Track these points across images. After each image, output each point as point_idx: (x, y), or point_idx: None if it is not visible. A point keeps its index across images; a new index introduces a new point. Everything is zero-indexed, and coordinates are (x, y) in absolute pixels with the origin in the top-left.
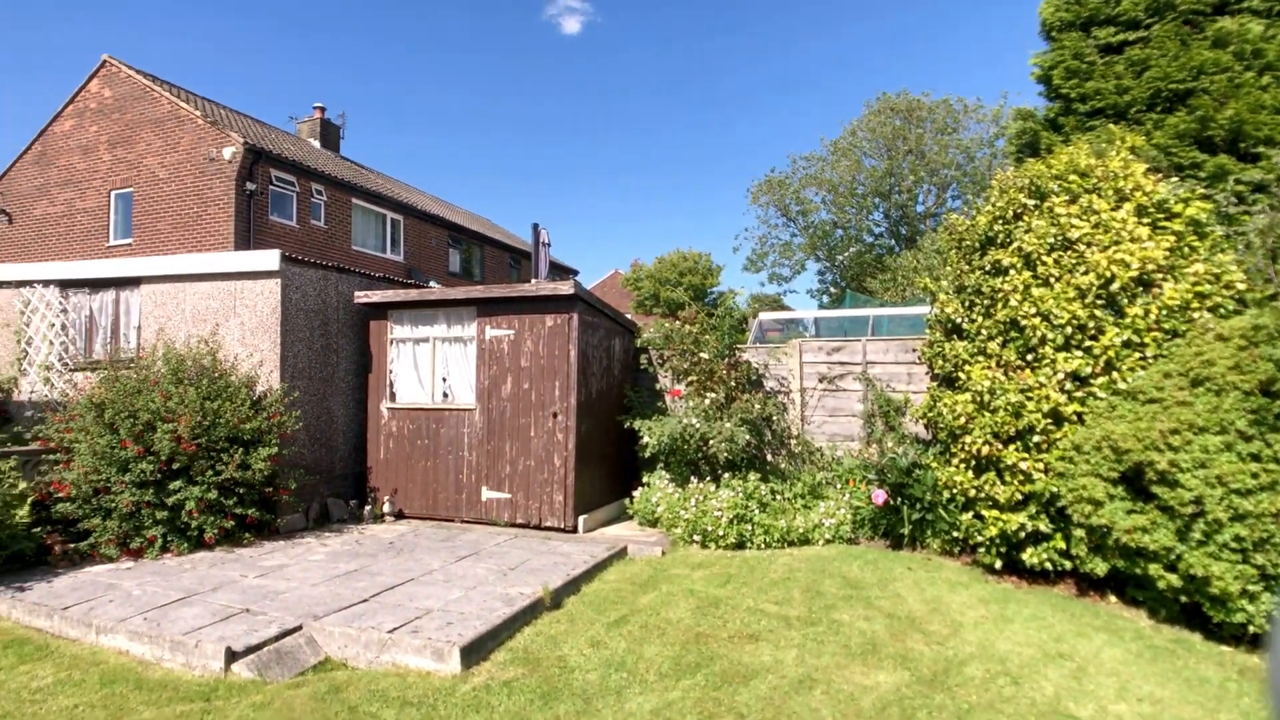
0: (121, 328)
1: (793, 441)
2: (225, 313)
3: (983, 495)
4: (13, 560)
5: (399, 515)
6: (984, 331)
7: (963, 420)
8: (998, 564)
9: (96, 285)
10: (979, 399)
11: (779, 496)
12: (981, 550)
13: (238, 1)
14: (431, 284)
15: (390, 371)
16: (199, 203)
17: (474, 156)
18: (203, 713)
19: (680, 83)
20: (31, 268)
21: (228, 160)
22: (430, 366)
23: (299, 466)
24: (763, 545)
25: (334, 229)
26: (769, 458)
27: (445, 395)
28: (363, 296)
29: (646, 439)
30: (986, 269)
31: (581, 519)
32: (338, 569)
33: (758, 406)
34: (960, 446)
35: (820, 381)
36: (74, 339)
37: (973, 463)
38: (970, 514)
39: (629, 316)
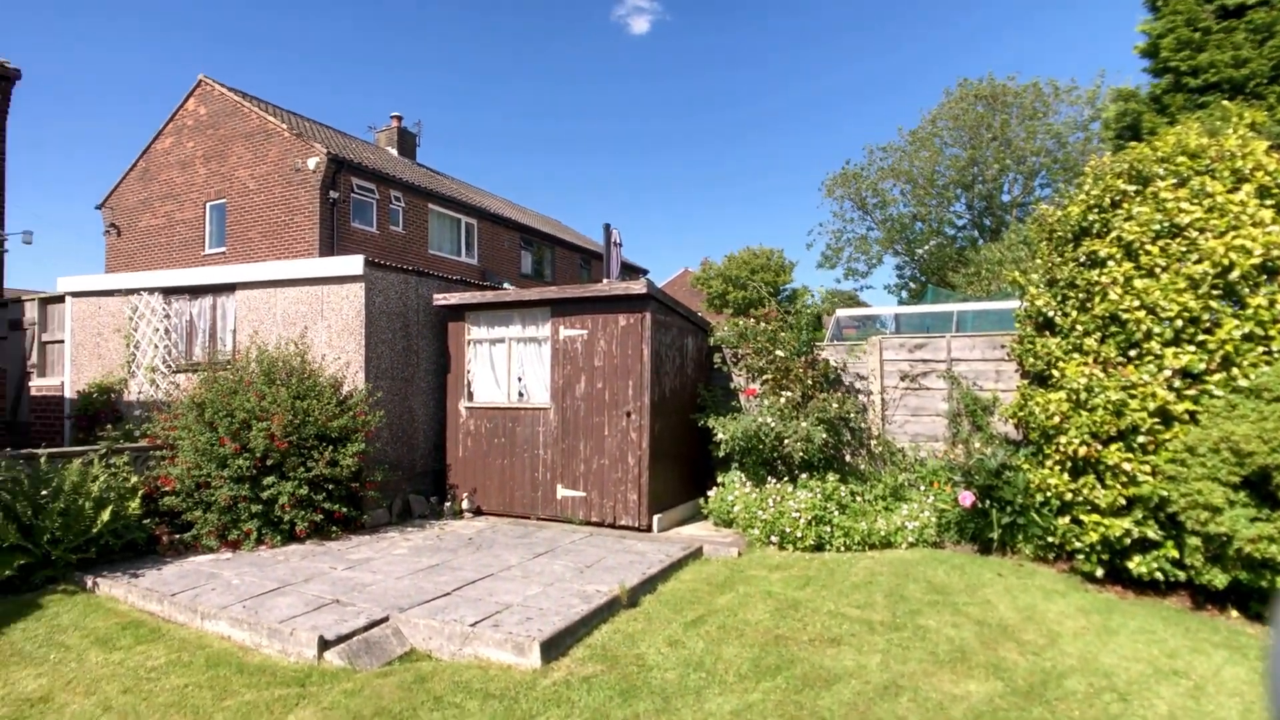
0: (219, 331)
1: (872, 442)
2: (313, 316)
3: (1080, 499)
4: (127, 549)
5: (477, 512)
6: (1079, 326)
7: (1057, 420)
8: (1099, 572)
9: (196, 292)
10: (1075, 397)
11: (859, 498)
12: (1080, 557)
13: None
14: (505, 286)
15: (468, 371)
16: (286, 211)
17: (543, 159)
18: (298, 697)
19: (749, 80)
20: (138, 276)
21: (312, 170)
22: (506, 366)
23: (383, 464)
24: (842, 548)
25: (412, 234)
26: (847, 458)
27: (521, 395)
28: (441, 299)
29: (720, 436)
30: (1081, 260)
31: (656, 518)
32: (420, 563)
33: (835, 405)
34: (1054, 447)
35: (902, 380)
36: (176, 342)
37: (1068, 464)
38: (1067, 518)
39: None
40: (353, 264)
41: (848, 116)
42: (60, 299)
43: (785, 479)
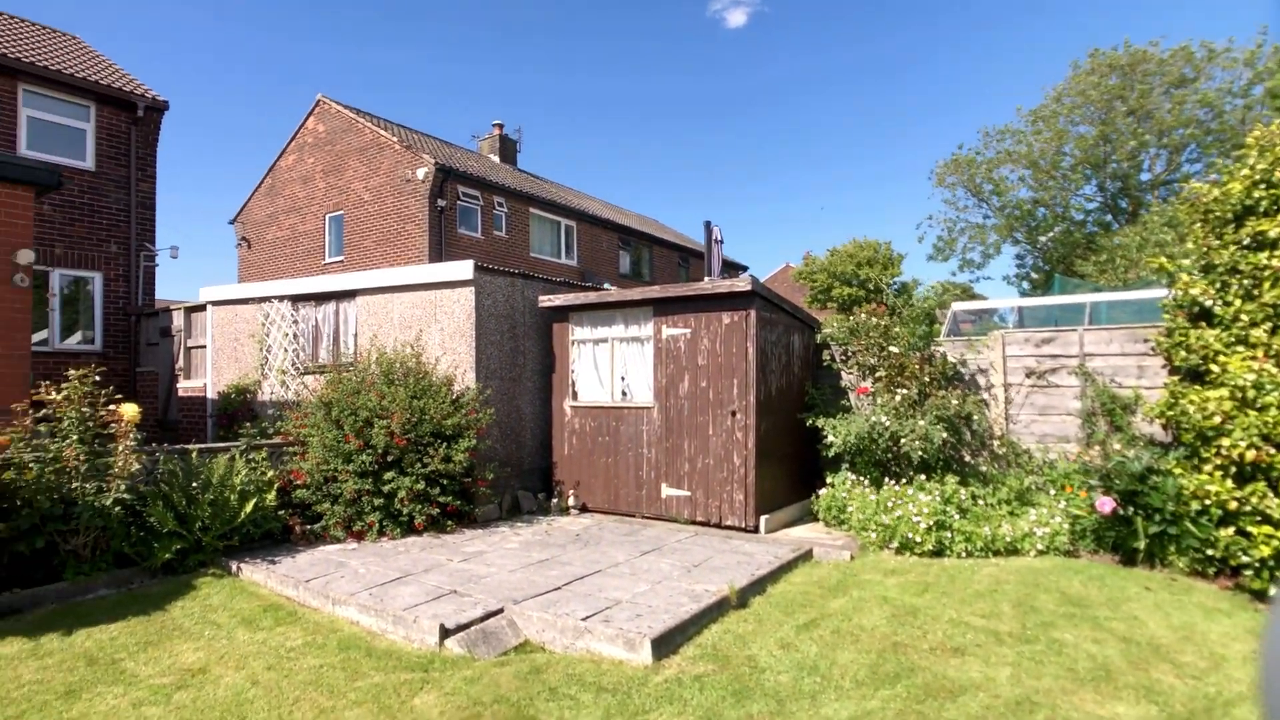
0: (341, 335)
1: (995, 442)
2: (427, 319)
3: (1248, 508)
4: (265, 537)
5: (583, 509)
6: (1244, 317)
7: (1217, 420)
8: (1271, 590)
9: (320, 299)
10: (1239, 395)
11: (980, 501)
12: (1249, 574)
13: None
14: (606, 286)
15: (572, 371)
16: (398, 220)
17: (641, 157)
18: (422, 682)
19: (851, 69)
20: (269, 285)
21: (421, 180)
22: (609, 366)
23: (492, 460)
24: (963, 554)
25: (514, 238)
26: (967, 459)
27: (624, 394)
28: (546, 300)
29: (831, 438)
30: (1245, 243)
31: (763, 519)
32: (531, 557)
33: (955, 403)
34: (1214, 450)
35: (1027, 376)
36: (303, 346)
37: (1232, 469)
38: (1230, 529)
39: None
40: (464, 269)
41: (959, 100)
42: (202, 308)
43: (900, 480)
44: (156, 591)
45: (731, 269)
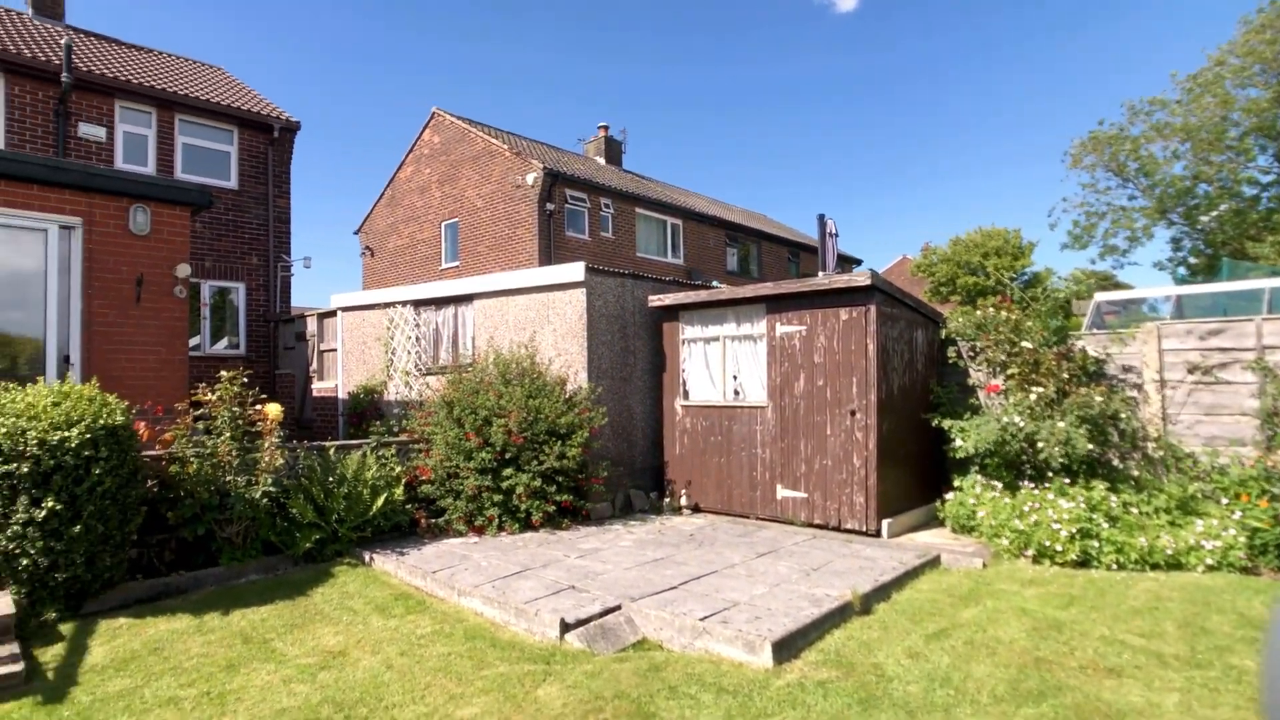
0: (460, 337)
1: (1150, 444)
2: (540, 321)
3: None
4: (393, 530)
5: (695, 509)
6: None
7: None
8: None
9: (440, 303)
10: None
11: (1133, 509)
12: None
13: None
14: (714, 284)
15: (683, 370)
16: (509, 225)
17: (748, 151)
18: (544, 674)
19: (966, 51)
20: (392, 291)
21: (530, 185)
22: (721, 365)
23: (604, 459)
24: (1114, 566)
25: (620, 238)
26: (1114, 462)
27: (736, 393)
28: (656, 300)
29: (959, 441)
30: None
31: (885, 523)
32: (645, 556)
33: (1099, 401)
34: None
35: (1190, 372)
36: (425, 348)
37: None
38: None
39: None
40: (575, 271)
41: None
42: (333, 313)
43: (1037, 483)
44: (299, 578)
45: (845, 263)
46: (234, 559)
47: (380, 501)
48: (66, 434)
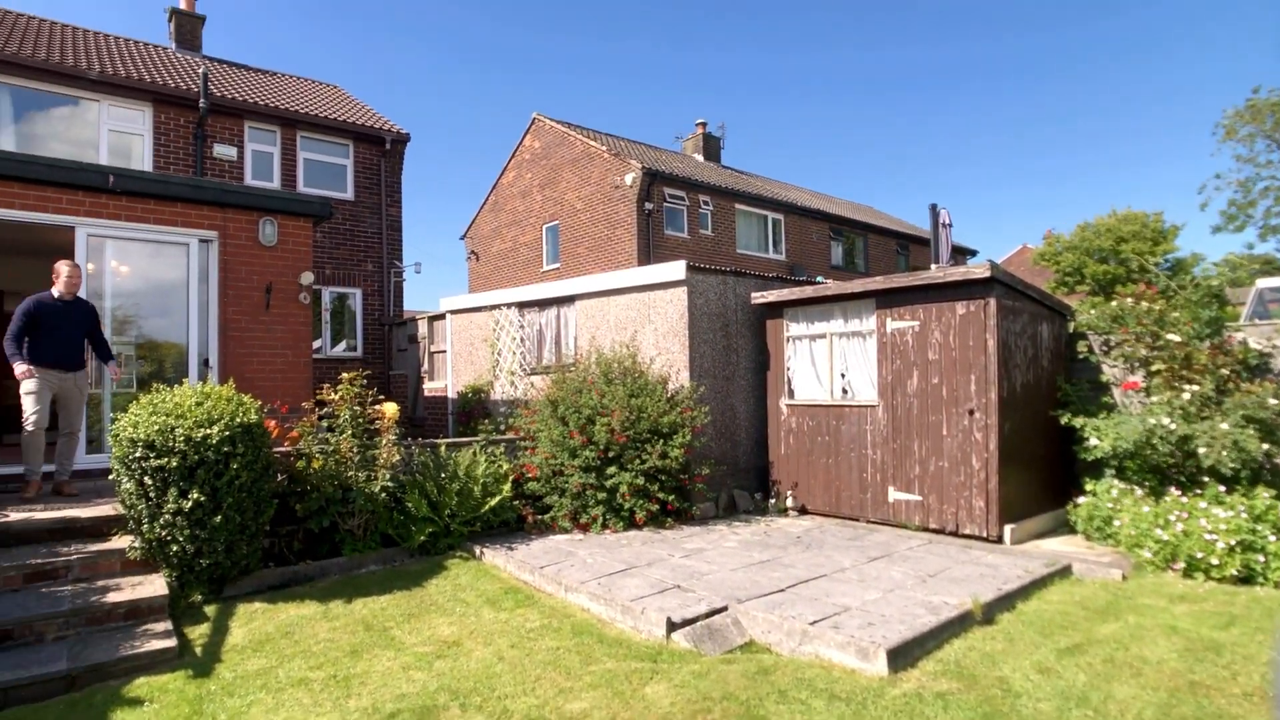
0: (562, 338)
1: None
2: (640, 321)
3: None
4: (501, 525)
5: (802, 510)
6: None
7: None
8: None
9: (543, 304)
10: None
11: None
12: None
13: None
14: (817, 279)
15: (787, 368)
16: (608, 226)
17: (853, 142)
18: (651, 672)
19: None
20: (497, 294)
21: (629, 185)
22: (828, 362)
23: (707, 459)
24: None
25: (720, 235)
26: None
27: (844, 391)
28: (759, 297)
29: (1094, 440)
30: None
31: (1008, 528)
32: (751, 557)
33: (1274, 402)
34: None
35: None
36: (529, 349)
37: None
38: None
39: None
40: (676, 270)
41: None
42: (442, 316)
43: (1186, 490)
44: (414, 569)
45: (959, 254)
46: (355, 550)
47: (489, 498)
48: (208, 431)
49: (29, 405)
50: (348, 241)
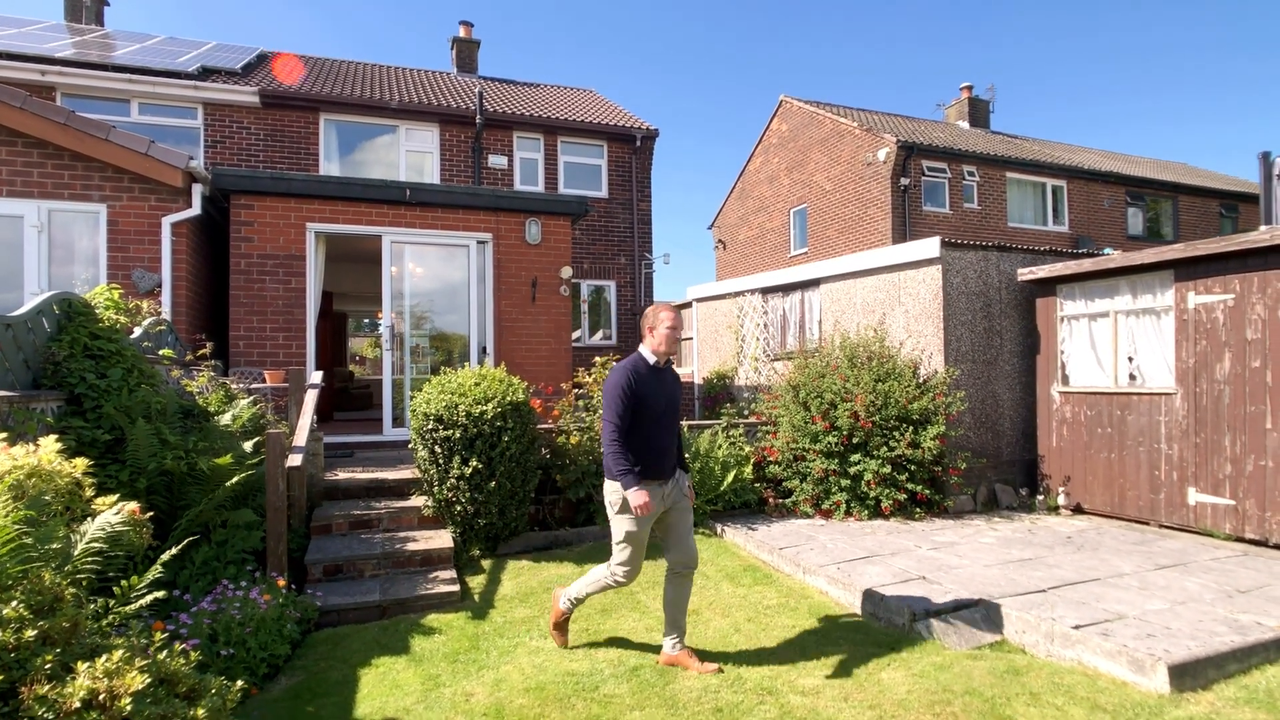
0: (806, 322)
1: None
2: (889, 303)
3: None
4: (742, 506)
5: (1076, 509)
6: None
7: None
8: None
9: (786, 289)
10: None
11: None
12: None
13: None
14: (1106, 251)
15: (1060, 352)
16: (859, 205)
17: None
18: (890, 658)
19: None
20: (741, 281)
21: (882, 161)
22: (1111, 344)
23: (965, 449)
24: None
25: (987, 208)
26: None
27: (1131, 377)
28: (1026, 273)
29: None
30: None
31: None
32: (1010, 554)
33: None
34: None
35: None
36: (772, 334)
37: None
38: None
39: None
40: (928, 247)
41: None
42: (688, 305)
43: None
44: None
45: None
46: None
47: (730, 478)
48: (485, 408)
49: None
50: (603, 237)
